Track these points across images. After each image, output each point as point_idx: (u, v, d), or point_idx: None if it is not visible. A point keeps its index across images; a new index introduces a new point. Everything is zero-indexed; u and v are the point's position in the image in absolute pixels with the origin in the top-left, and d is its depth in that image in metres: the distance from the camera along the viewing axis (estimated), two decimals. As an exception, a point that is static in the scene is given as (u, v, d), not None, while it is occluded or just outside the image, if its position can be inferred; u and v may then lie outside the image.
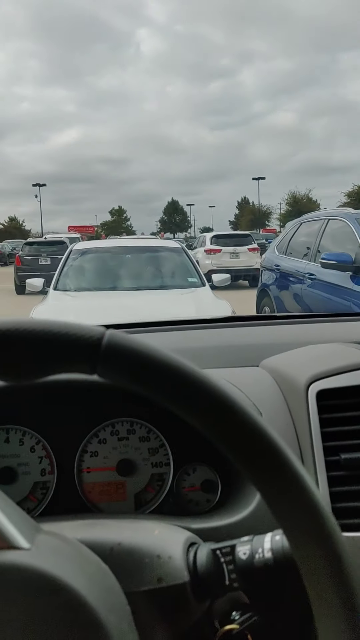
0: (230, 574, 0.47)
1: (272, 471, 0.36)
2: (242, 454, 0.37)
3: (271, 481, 0.36)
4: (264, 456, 0.36)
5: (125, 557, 0.47)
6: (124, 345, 0.37)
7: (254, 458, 0.36)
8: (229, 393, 0.37)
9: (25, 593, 0.36)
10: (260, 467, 0.36)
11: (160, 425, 0.80)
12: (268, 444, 0.36)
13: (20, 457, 0.79)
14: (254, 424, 0.37)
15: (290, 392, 0.75)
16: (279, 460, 0.36)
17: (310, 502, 0.35)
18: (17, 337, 0.36)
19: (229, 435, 0.37)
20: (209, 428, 0.37)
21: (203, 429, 0.37)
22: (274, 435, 0.37)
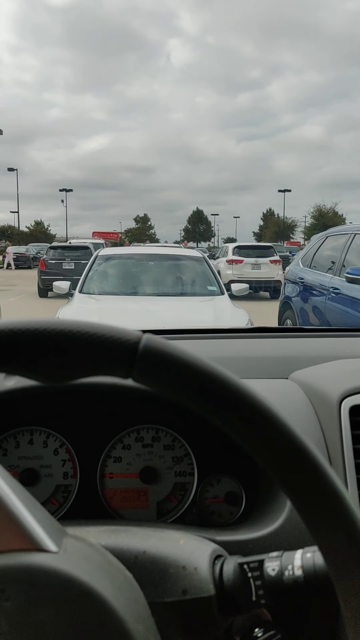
0: (257, 589, 0.46)
1: (312, 487, 0.35)
2: (280, 468, 0.36)
3: (310, 497, 0.35)
4: (303, 471, 0.35)
5: (150, 567, 0.46)
6: (161, 350, 0.36)
7: (292, 472, 0.35)
8: (270, 404, 0.36)
9: (53, 597, 0.35)
10: (299, 482, 0.35)
11: (186, 434, 0.79)
12: (308, 459, 0.35)
13: (44, 459, 0.78)
14: (294, 438, 0.36)
15: (322, 406, 0.74)
16: (319, 475, 0.35)
17: (350, 521, 0.34)
18: (54, 337, 0.36)
19: (267, 447, 0.36)
20: (246, 439, 0.36)
21: (239, 440, 0.36)
22: (315, 450, 0.36)
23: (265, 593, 0.45)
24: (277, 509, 0.64)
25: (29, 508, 0.38)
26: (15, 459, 0.78)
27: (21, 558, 0.36)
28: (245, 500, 0.76)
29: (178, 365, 0.36)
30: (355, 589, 0.33)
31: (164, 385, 0.37)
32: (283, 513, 0.62)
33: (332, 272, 5.62)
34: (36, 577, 0.35)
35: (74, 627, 0.35)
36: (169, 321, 4.22)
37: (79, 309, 4.78)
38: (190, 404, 0.37)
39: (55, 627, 0.35)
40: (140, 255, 6.15)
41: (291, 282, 6.74)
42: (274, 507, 0.65)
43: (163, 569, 0.46)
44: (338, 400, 0.71)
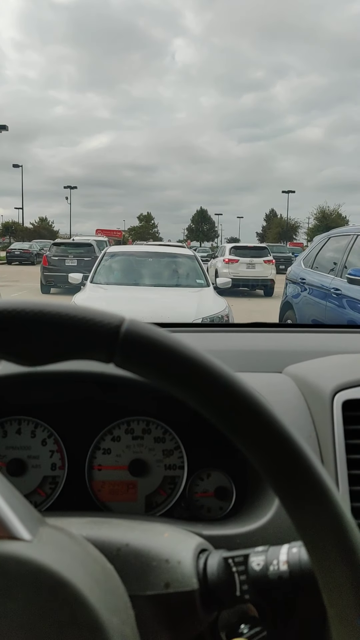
0: (242, 584, 0.44)
1: (297, 478, 0.34)
2: (265, 458, 0.34)
3: (295, 488, 0.34)
4: (289, 462, 0.34)
5: (132, 559, 0.45)
6: (144, 334, 0.35)
7: (278, 463, 0.34)
8: (255, 392, 0.35)
9: (24, 586, 0.34)
10: (283, 473, 0.34)
11: (177, 427, 0.78)
12: (294, 450, 0.34)
13: (31, 450, 0.77)
14: (280, 427, 0.34)
15: (314, 400, 0.72)
16: (305, 467, 0.34)
17: (335, 514, 0.33)
18: (33, 318, 0.35)
19: (252, 436, 0.34)
20: (230, 427, 0.35)
21: (223, 428, 0.35)
22: (301, 441, 0.34)
23: (250, 588, 0.44)
24: (266, 504, 0.63)
25: (3, 495, 0.37)
26: (3, 448, 0.77)
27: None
28: (236, 495, 0.75)
29: (161, 350, 0.35)
30: (338, 586, 0.32)
31: (146, 371, 0.35)
32: (272, 508, 0.61)
33: (334, 273, 5.60)
34: (6, 566, 0.34)
35: (45, 618, 0.33)
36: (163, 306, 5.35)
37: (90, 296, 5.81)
38: (173, 390, 0.35)
39: (26, 618, 0.33)
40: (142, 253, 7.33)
41: (293, 282, 6.73)
42: (263, 502, 0.64)
43: (146, 561, 0.44)
44: (331, 395, 0.69)
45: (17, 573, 0.34)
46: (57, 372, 0.72)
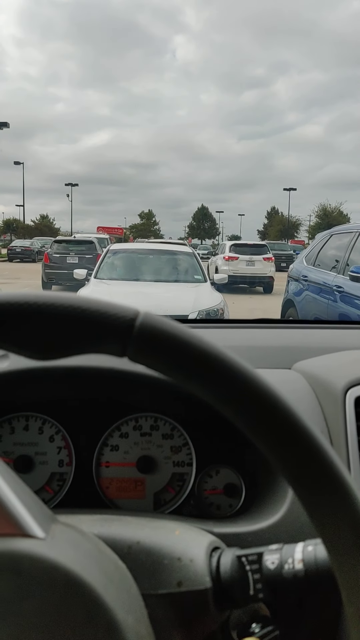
0: (255, 583, 0.44)
1: (317, 475, 0.33)
2: (284, 455, 0.33)
3: (315, 486, 0.33)
4: (308, 459, 0.33)
5: (144, 557, 0.44)
6: (159, 327, 0.34)
7: (297, 460, 0.33)
8: (274, 388, 0.34)
9: (38, 585, 0.33)
10: (303, 470, 0.33)
11: (185, 423, 0.77)
12: (314, 447, 0.33)
13: (39, 446, 0.77)
14: (299, 424, 0.33)
15: (326, 397, 0.72)
16: (325, 464, 0.33)
17: (356, 511, 0.32)
18: (45, 310, 0.34)
19: (270, 433, 0.34)
20: (247, 423, 0.34)
21: (240, 424, 0.34)
22: (322, 438, 0.34)
23: (264, 587, 0.43)
24: (278, 502, 0.62)
25: (16, 492, 0.37)
26: (10, 445, 0.76)
27: (5, 543, 0.34)
28: (245, 492, 0.74)
29: (176, 344, 0.34)
30: (359, 583, 0.31)
31: (161, 365, 0.35)
32: (284, 505, 0.60)
33: (336, 271, 5.59)
34: (21, 564, 0.33)
35: (61, 617, 0.33)
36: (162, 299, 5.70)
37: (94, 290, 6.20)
38: (188, 385, 0.35)
39: (41, 617, 0.33)
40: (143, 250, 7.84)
41: (294, 280, 6.71)
42: (274, 500, 0.63)
43: (157, 559, 0.44)
44: (343, 391, 0.69)
45: (31, 571, 0.33)
46: (65, 367, 0.71)
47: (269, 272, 16.24)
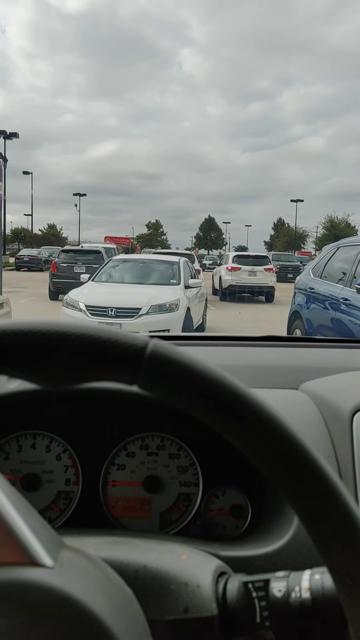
0: (262, 610, 0.43)
1: (323, 504, 0.33)
2: (289, 483, 0.34)
3: (320, 514, 0.33)
4: (314, 487, 0.33)
5: (151, 582, 0.44)
6: (169, 356, 0.34)
7: (302, 488, 0.33)
8: (281, 417, 0.34)
9: (47, 615, 0.33)
10: (308, 499, 0.33)
11: (192, 443, 0.77)
12: (319, 475, 0.33)
13: (45, 465, 0.77)
14: (305, 453, 0.34)
15: (333, 419, 0.71)
16: (331, 492, 0.33)
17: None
18: (56, 339, 0.34)
19: (277, 461, 0.34)
20: (254, 452, 0.34)
21: (247, 452, 0.35)
22: (327, 466, 0.34)
23: (270, 615, 0.43)
24: (284, 525, 0.62)
25: (24, 518, 0.37)
26: (17, 463, 0.77)
27: (14, 572, 0.34)
28: (251, 513, 0.74)
29: (186, 374, 0.34)
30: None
31: (170, 394, 0.35)
32: (290, 529, 0.60)
33: (343, 283, 5.58)
34: (30, 594, 0.33)
35: None
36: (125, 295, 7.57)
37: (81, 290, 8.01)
38: (197, 414, 0.35)
39: None
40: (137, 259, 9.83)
41: (301, 292, 6.71)
42: (281, 522, 0.63)
43: (164, 584, 0.44)
44: (350, 414, 0.68)
45: (40, 602, 0.33)
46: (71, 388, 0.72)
47: (270, 282, 17.15)
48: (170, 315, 7.27)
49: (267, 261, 17.98)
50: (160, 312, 7.23)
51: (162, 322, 7.07)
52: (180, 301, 7.52)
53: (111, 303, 7.26)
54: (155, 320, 7.07)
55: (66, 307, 7.57)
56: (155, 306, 7.19)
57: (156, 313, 7.19)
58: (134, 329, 6.42)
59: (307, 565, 0.45)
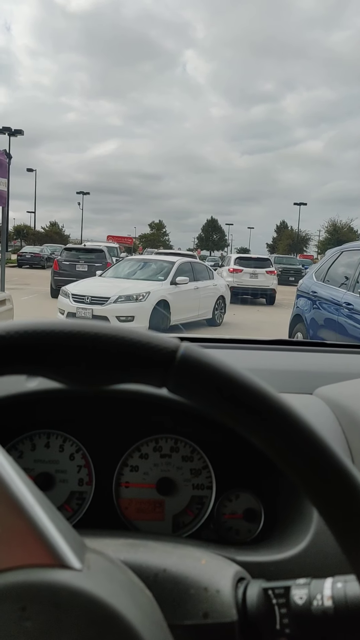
0: (282, 618, 0.43)
1: (353, 511, 0.33)
2: (320, 491, 0.34)
3: (351, 522, 0.33)
4: (345, 494, 0.33)
5: (170, 586, 0.44)
6: (200, 360, 0.34)
7: (333, 496, 0.33)
8: (311, 424, 0.34)
9: (77, 618, 0.33)
10: (339, 506, 0.33)
11: (206, 446, 0.77)
12: (351, 483, 0.33)
13: (59, 464, 0.77)
14: (337, 460, 0.34)
15: (350, 425, 0.71)
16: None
17: None
18: (90, 341, 0.34)
19: (308, 469, 0.34)
20: (284, 458, 0.34)
21: (275, 458, 0.35)
22: (358, 473, 0.34)
23: (291, 622, 0.43)
24: (301, 530, 0.61)
25: (51, 519, 0.37)
26: (31, 462, 0.76)
27: (44, 574, 0.34)
28: (265, 518, 0.74)
29: (217, 378, 0.34)
30: None
31: (199, 398, 0.35)
32: (307, 535, 0.59)
33: (346, 287, 5.58)
34: (59, 597, 0.33)
35: None
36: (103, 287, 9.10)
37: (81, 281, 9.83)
38: (225, 418, 0.35)
39: None
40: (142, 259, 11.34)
41: (304, 295, 6.70)
42: (297, 528, 0.63)
43: (184, 589, 0.43)
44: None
45: (70, 604, 0.33)
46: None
47: (271, 284, 17.13)
48: (136, 304, 8.62)
49: (269, 264, 17.99)
50: (127, 301, 8.62)
51: (127, 309, 8.51)
52: (151, 294, 8.76)
53: (89, 292, 8.85)
54: (121, 307, 8.51)
55: (61, 295, 9.33)
56: (123, 296, 8.59)
57: (123, 302, 8.60)
58: (102, 314, 8.30)
59: (325, 573, 0.45)
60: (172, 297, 9.30)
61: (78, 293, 8.91)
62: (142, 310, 8.63)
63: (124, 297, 8.62)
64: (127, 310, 8.48)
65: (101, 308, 8.48)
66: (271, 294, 17.03)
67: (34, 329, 0.35)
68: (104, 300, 8.63)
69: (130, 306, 8.59)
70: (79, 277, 11.21)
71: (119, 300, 8.61)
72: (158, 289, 9.06)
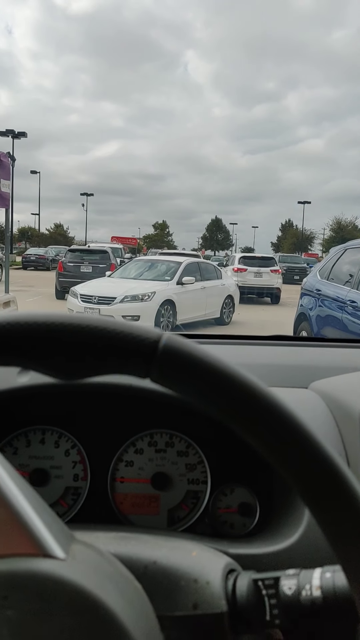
0: (272, 608, 0.43)
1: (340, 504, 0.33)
2: (305, 482, 0.33)
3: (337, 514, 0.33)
4: (330, 486, 0.33)
5: (160, 578, 0.44)
6: (182, 350, 0.35)
7: (318, 487, 0.33)
8: (296, 413, 0.34)
9: (60, 608, 0.33)
10: (325, 498, 0.33)
11: (201, 441, 0.77)
12: (336, 474, 0.33)
13: (54, 460, 0.77)
14: (320, 450, 0.33)
15: (344, 418, 0.71)
16: (349, 493, 0.33)
17: None
18: (70, 331, 0.35)
19: (291, 457, 0.34)
20: (267, 447, 0.34)
21: (260, 447, 0.35)
22: (344, 465, 0.34)
23: (280, 613, 0.43)
24: (293, 523, 0.61)
25: (36, 510, 0.37)
26: (26, 458, 0.77)
27: (26, 563, 0.34)
28: (259, 512, 0.74)
29: (199, 367, 0.34)
30: None
31: (183, 387, 0.35)
32: (299, 528, 0.59)
33: (350, 285, 5.56)
34: (42, 586, 0.33)
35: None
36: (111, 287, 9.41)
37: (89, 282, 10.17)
38: (209, 408, 0.35)
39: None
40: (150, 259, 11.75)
41: (308, 293, 6.69)
42: (289, 521, 0.62)
43: (174, 580, 0.43)
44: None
45: (52, 593, 0.33)
46: (82, 383, 0.72)
47: (276, 283, 17.02)
48: (141, 304, 8.83)
49: (273, 263, 17.98)
50: (133, 301, 8.85)
51: (133, 309, 8.69)
52: (157, 293, 9.00)
53: (96, 292, 9.14)
54: (128, 307, 8.69)
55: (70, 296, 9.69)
56: (129, 296, 8.85)
57: (129, 302, 8.82)
58: (109, 313, 8.33)
59: (316, 564, 0.45)
60: (178, 297, 9.49)
61: (86, 293, 9.19)
62: (147, 310, 8.81)
63: (130, 297, 8.87)
64: (133, 310, 8.66)
65: (108, 308, 8.68)
66: (276, 293, 16.98)
67: (16, 320, 0.35)
68: (110, 300, 8.87)
69: (136, 306, 8.79)
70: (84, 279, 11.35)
71: (125, 300, 8.84)
72: (164, 289, 9.27)
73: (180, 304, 9.54)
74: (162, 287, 9.32)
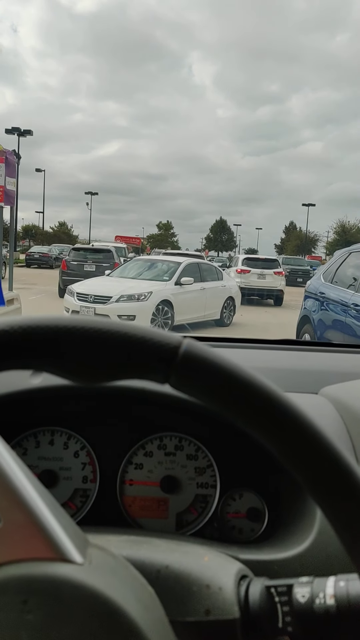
0: (284, 616, 0.43)
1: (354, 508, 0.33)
2: (323, 490, 0.34)
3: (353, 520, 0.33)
4: (349, 495, 0.33)
5: (172, 583, 0.44)
6: (202, 356, 0.35)
7: (337, 496, 0.33)
8: (315, 421, 0.34)
9: (78, 612, 0.33)
10: (343, 506, 0.33)
11: (210, 444, 0.77)
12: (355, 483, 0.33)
13: (63, 461, 0.77)
14: (339, 457, 0.34)
15: (355, 424, 0.71)
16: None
17: None
18: (93, 335, 0.35)
19: (310, 465, 0.34)
20: (287, 455, 0.34)
21: (277, 452, 0.35)
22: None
23: (293, 620, 0.42)
24: (304, 530, 0.61)
25: (54, 514, 0.37)
26: (35, 459, 0.77)
27: (46, 568, 0.34)
28: (268, 517, 0.74)
29: (220, 374, 0.34)
30: None
31: (202, 393, 0.35)
32: (310, 535, 0.59)
33: (354, 289, 5.56)
34: (61, 590, 0.33)
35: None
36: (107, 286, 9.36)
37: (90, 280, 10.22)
38: (228, 414, 0.35)
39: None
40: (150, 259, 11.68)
41: (311, 296, 6.68)
42: (300, 528, 0.62)
43: (186, 586, 0.43)
44: None
45: (71, 598, 0.33)
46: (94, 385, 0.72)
47: (279, 285, 17.05)
48: (137, 304, 8.78)
49: (277, 264, 17.93)
50: (129, 301, 8.81)
51: (129, 308, 8.64)
52: (153, 294, 8.96)
53: (92, 291, 9.05)
54: (123, 307, 8.64)
55: (67, 294, 9.58)
56: (125, 295, 8.81)
57: (125, 301, 8.77)
58: (104, 313, 8.33)
59: (328, 572, 0.45)
60: (176, 298, 9.44)
61: (82, 292, 9.14)
62: (143, 310, 8.76)
63: (126, 297, 8.84)
64: (128, 310, 8.61)
65: (103, 307, 8.65)
66: (279, 295, 16.98)
67: (38, 324, 0.35)
68: (106, 299, 8.82)
69: (131, 305, 8.75)
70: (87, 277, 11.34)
71: (121, 299, 8.80)
72: (161, 289, 9.26)
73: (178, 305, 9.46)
74: (159, 287, 9.30)
